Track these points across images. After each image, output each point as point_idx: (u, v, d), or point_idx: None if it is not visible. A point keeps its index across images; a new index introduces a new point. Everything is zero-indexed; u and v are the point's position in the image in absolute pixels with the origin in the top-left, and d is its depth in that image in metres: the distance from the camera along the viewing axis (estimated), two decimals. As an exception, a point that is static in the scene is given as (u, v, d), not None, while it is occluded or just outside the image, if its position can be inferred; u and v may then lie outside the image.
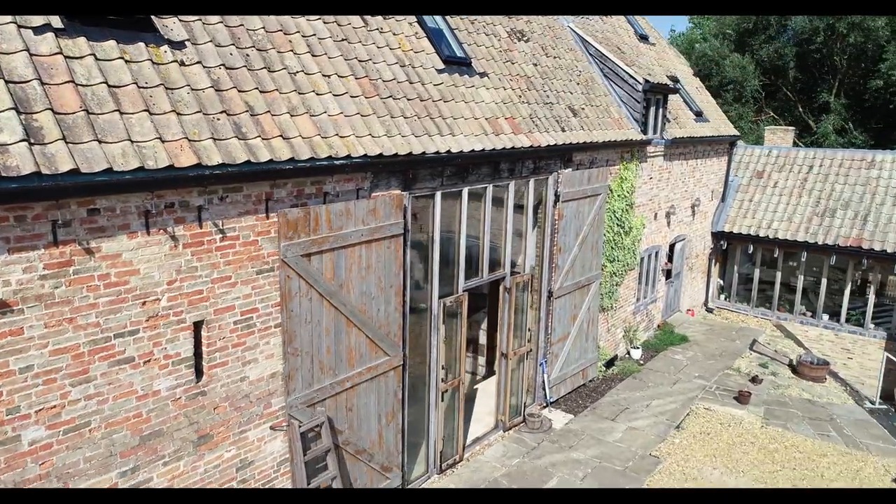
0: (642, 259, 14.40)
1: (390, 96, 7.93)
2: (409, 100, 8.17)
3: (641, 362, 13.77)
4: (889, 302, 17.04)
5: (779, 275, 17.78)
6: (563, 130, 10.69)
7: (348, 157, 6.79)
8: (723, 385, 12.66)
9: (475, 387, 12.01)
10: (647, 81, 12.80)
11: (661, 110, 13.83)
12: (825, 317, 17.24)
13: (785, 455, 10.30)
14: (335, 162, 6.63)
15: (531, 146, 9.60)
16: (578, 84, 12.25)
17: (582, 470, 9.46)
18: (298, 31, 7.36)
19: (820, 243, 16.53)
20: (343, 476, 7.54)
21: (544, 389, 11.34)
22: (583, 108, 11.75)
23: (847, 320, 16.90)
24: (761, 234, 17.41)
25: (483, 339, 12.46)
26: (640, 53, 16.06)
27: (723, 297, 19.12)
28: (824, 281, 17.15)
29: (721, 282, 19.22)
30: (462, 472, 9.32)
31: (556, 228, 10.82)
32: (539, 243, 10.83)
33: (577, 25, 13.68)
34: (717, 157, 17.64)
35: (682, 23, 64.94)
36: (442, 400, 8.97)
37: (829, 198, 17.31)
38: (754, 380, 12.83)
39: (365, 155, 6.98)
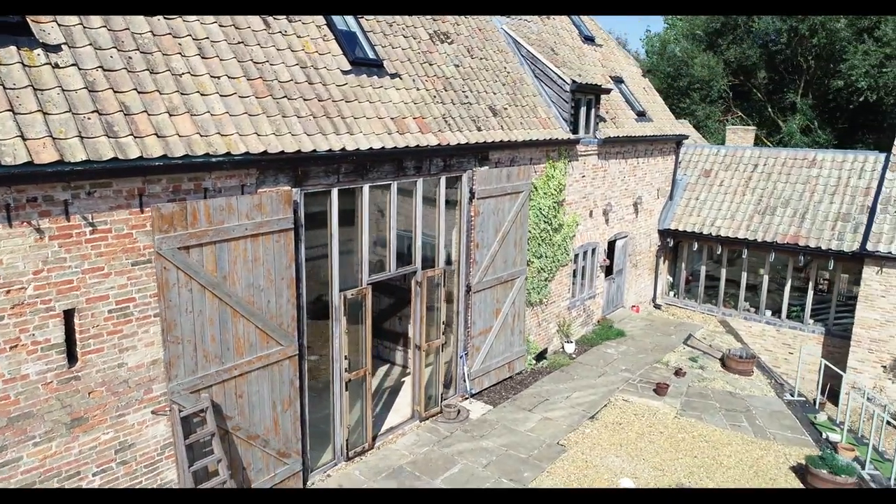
0: (577, 256, 14.73)
1: (285, 96, 8.26)
2: (306, 100, 8.50)
3: (573, 356, 14.10)
4: (829, 298, 17.35)
5: (724, 271, 18.13)
6: (480, 130, 11.02)
7: (228, 154, 7.12)
8: (646, 378, 12.99)
9: (402, 379, 12.34)
10: (574, 82, 13.13)
11: (592, 110, 14.17)
12: (768, 313, 17.57)
13: (690, 444, 10.63)
14: (212, 159, 6.96)
15: (439, 145, 9.94)
16: (504, 84, 12.58)
17: (487, 458, 9.80)
18: (190, 35, 7.68)
19: (759, 240, 16.88)
20: (235, 460, 7.88)
21: (465, 381, 11.68)
22: (505, 108, 12.08)
23: (788, 316, 17.24)
24: (705, 232, 17.75)
25: (412, 333, 12.76)
26: (581, 55, 16.40)
27: (672, 293, 19.46)
28: (766, 278, 17.49)
29: (671, 278, 19.56)
30: (369, 460, 9.65)
31: (473, 225, 11.15)
32: (455, 239, 11.17)
33: (510, 27, 14.00)
34: (662, 155, 17.97)
35: (657, 23, 65.91)
36: (346, 389, 9.29)
37: (771, 196, 17.65)
38: (677, 373, 13.17)
39: (247, 152, 7.31)
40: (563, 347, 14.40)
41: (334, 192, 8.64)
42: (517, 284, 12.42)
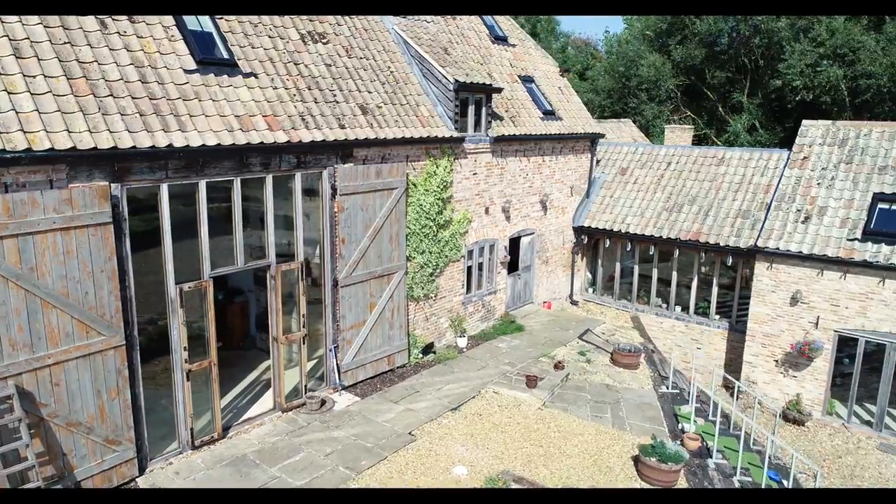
0: (471, 252, 14.99)
1: (110, 95, 8.52)
2: (135, 98, 8.76)
3: (464, 350, 14.36)
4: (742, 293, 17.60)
5: (636, 268, 18.38)
6: (343, 128, 11.28)
7: (28, 150, 7.39)
8: (526, 371, 13.24)
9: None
10: (457, 81, 13.39)
11: (484, 108, 14.43)
12: (677, 309, 17.84)
13: (543, 434, 10.88)
14: (7, 155, 7.22)
15: (288, 142, 10.20)
16: (384, 83, 12.85)
17: (332, 447, 10.06)
18: (7, 35, 7.95)
19: (664, 237, 17.14)
20: (53, 446, 8.13)
21: (335, 374, 11.94)
22: (380, 107, 12.34)
23: (696, 312, 17.50)
24: (615, 229, 18.02)
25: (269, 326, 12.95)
26: (488, 55, 16.67)
27: (591, 290, 19.72)
28: (675, 274, 17.74)
29: (590, 275, 19.82)
30: (217, 449, 9.92)
31: (337, 220, 11.41)
32: (319, 233, 11.43)
33: (401, 27, 14.26)
34: (574, 154, 18.22)
35: (616, 23, 67.90)
36: (187, 379, 9.56)
37: (680, 193, 17.92)
38: (557, 366, 13.42)
39: (51, 148, 7.57)
40: (455, 342, 14.66)
41: (164, 187, 8.91)
42: (395, 279, 12.68)
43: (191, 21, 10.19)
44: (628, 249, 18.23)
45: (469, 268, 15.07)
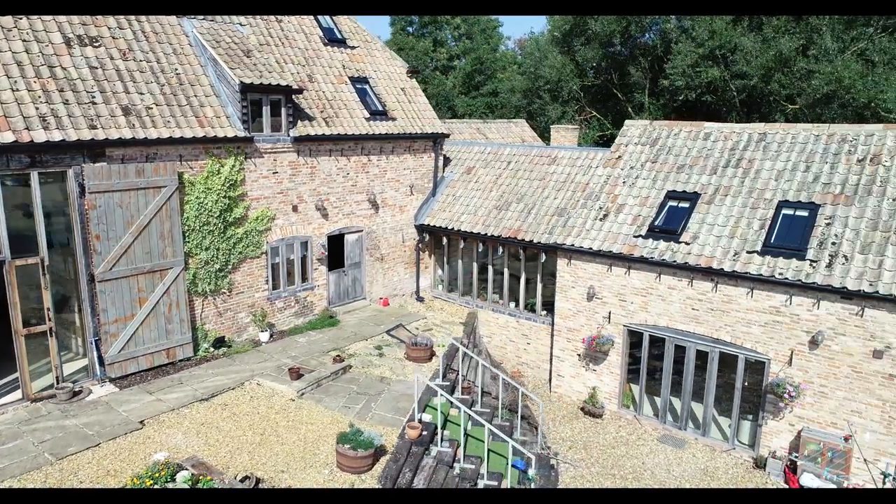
0: (276, 248, 15.39)
1: None
2: None
3: (263, 344, 14.77)
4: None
5: (475, 265, 18.77)
6: (93, 128, 11.70)
7: None
8: (305, 364, 13.63)
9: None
10: (242, 83, 13.80)
11: (283, 109, 14.82)
12: (512, 305, 18.21)
13: (274, 423, 11.28)
14: None
15: (15, 142, 10.62)
16: (163, 85, 13.25)
17: (53, 434, 10.49)
18: None
19: (489, 234, 17.52)
20: None
21: (96, 366, 12.36)
22: (150, 108, 12.75)
23: (525, 308, 17.87)
24: (449, 227, 18.41)
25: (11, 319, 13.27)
26: (315, 56, 17.10)
27: (441, 286, 20.10)
28: (506, 271, 18.13)
29: (441, 272, 20.20)
30: (-63, 436, 10.38)
31: (89, 217, 11.83)
32: (68, 230, 11.87)
33: (201, 30, 14.65)
34: (413, 153, 18.60)
35: (541, 23, 70.23)
36: None
37: (512, 192, 18.30)
38: (336, 359, 13.81)
39: None
40: (258, 336, 15.07)
41: None
42: (172, 275, 13.10)
43: (-79, 26, 10.63)
44: (461, 246, 18.61)
45: (276, 264, 15.47)
